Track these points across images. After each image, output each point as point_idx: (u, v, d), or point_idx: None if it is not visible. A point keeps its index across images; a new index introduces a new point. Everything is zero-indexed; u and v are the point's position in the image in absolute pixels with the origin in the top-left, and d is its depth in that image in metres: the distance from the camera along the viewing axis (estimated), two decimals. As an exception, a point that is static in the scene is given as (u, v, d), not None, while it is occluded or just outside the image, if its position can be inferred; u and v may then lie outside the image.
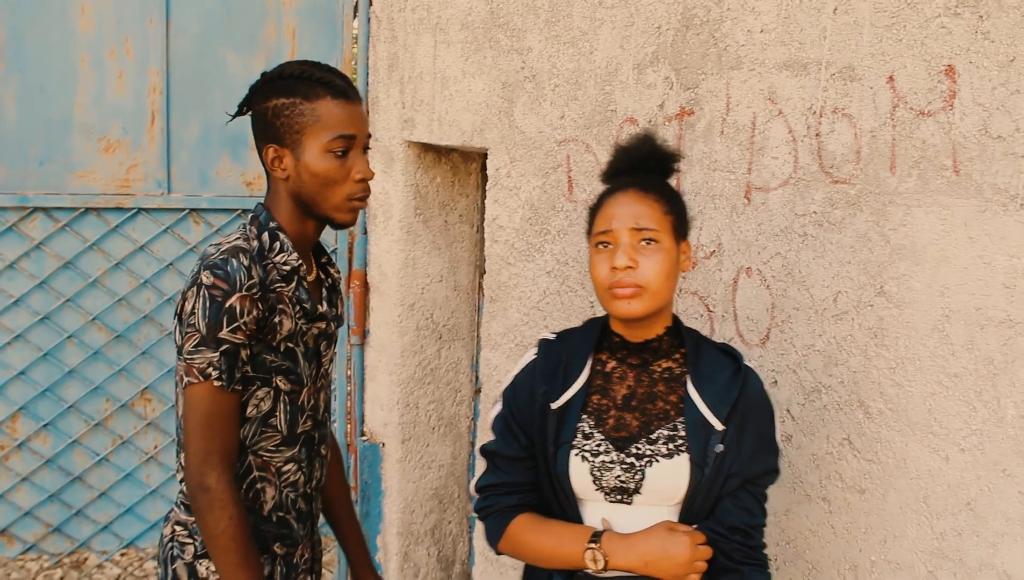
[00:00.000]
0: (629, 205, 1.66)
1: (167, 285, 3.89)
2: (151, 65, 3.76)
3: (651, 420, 1.69)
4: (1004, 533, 1.51)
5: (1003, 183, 1.49)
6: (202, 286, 1.78)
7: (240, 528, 1.79)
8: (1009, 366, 1.50)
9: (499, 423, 1.80)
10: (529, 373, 1.78)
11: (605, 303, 1.67)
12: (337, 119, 1.84)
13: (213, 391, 1.78)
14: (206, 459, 1.79)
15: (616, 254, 1.63)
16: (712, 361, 1.71)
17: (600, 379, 1.75)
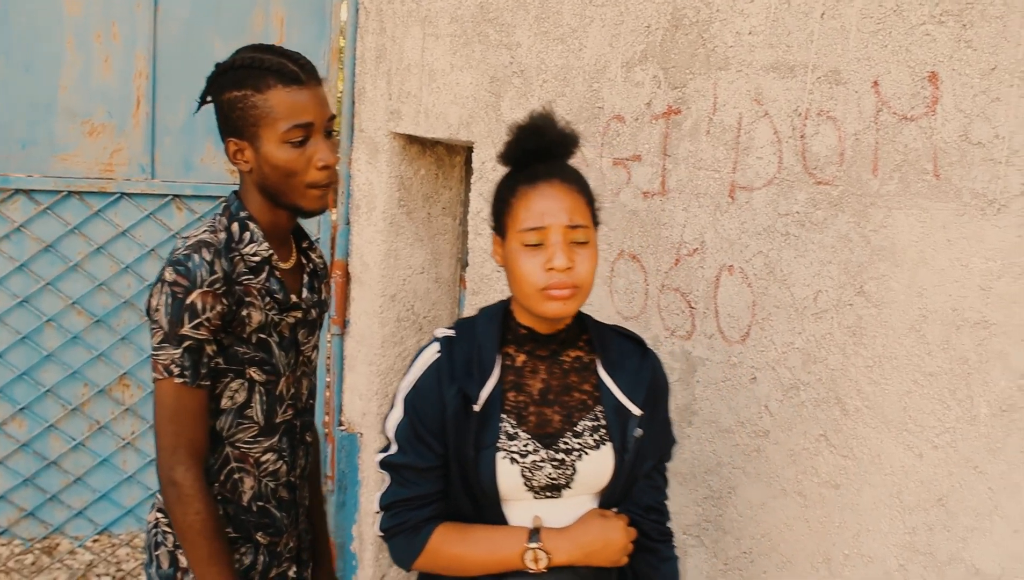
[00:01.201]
0: (558, 199, 1.59)
1: (148, 271, 3.88)
2: (138, 49, 3.76)
3: (572, 412, 1.67)
4: (974, 528, 1.55)
5: (981, 188, 1.53)
6: (165, 283, 1.78)
7: (207, 522, 1.79)
8: (983, 366, 1.54)
9: (404, 432, 1.64)
10: (433, 375, 1.64)
11: (534, 303, 1.59)
12: (290, 108, 1.80)
13: (177, 388, 1.79)
14: (174, 454, 1.80)
15: (554, 254, 1.56)
16: (618, 346, 1.73)
17: (512, 375, 1.68)
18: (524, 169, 1.64)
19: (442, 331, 1.71)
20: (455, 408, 1.61)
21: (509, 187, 1.64)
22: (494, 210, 1.67)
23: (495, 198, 1.68)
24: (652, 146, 2.22)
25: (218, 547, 1.80)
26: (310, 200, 1.86)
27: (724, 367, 2.04)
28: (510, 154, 1.66)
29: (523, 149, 1.64)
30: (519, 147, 1.64)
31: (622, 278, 2.33)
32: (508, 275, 1.63)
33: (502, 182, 1.67)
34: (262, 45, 1.86)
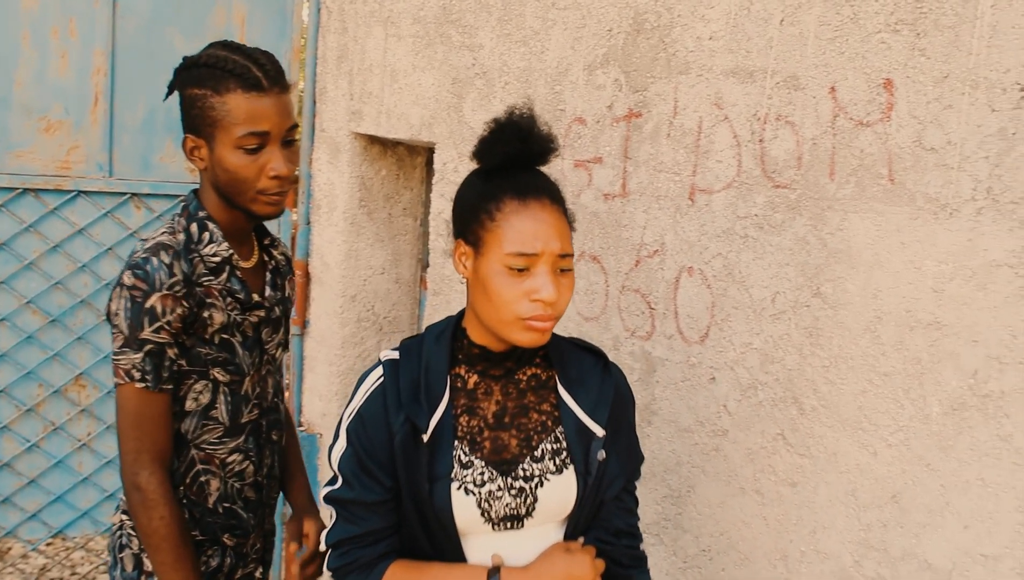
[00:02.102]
0: (550, 223, 1.47)
1: (105, 270, 3.84)
2: (96, 46, 3.72)
3: (530, 435, 1.56)
4: (926, 524, 1.59)
5: (934, 192, 1.57)
6: (124, 287, 1.77)
7: (172, 527, 1.78)
8: (935, 366, 1.57)
9: (349, 465, 1.53)
10: (377, 402, 1.53)
11: (508, 331, 1.48)
12: (247, 115, 1.77)
13: (139, 393, 1.78)
14: (137, 458, 1.79)
15: (542, 284, 1.44)
16: (578, 362, 1.62)
17: (464, 398, 1.56)
18: (498, 172, 1.51)
19: (386, 353, 1.59)
20: (403, 437, 1.50)
21: (489, 196, 1.49)
22: (465, 216, 1.52)
23: (466, 203, 1.53)
24: (613, 149, 2.24)
25: (183, 552, 1.79)
26: (260, 206, 1.84)
27: (683, 367, 2.06)
28: (486, 154, 1.52)
29: (502, 151, 1.50)
30: (497, 148, 1.50)
31: (583, 279, 2.35)
32: (478, 293, 1.50)
33: (476, 186, 1.52)
34: (233, 44, 1.83)
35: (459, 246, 1.54)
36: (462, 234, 1.54)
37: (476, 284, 1.50)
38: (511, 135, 1.49)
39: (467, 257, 1.53)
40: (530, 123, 1.51)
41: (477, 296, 1.51)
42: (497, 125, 1.51)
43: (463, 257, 1.54)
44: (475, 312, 1.54)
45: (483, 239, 1.48)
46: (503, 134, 1.50)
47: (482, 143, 1.52)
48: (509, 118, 1.51)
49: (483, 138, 1.51)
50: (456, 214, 1.56)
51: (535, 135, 1.51)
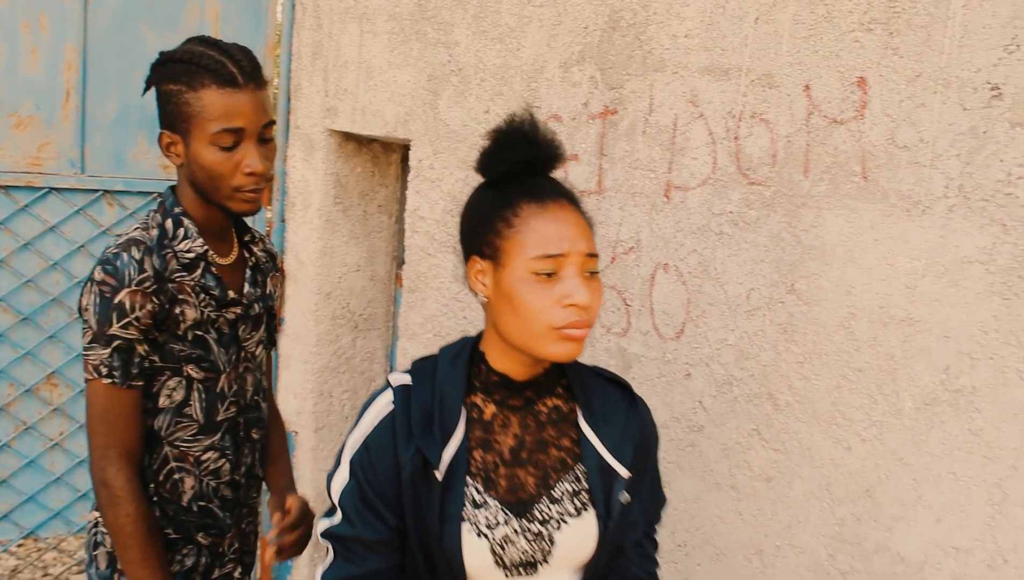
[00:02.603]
0: (573, 222, 1.38)
1: (78, 267, 3.81)
2: (67, 41, 3.68)
3: (548, 473, 1.45)
4: (899, 518, 1.61)
5: (907, 190, 1.59)
6: (94, 282, 1.76)
7: (139, 524, 1.77)
8: (908, 362, 1.59)
9: (352, 500, 1.41)
10: (386, 432, 1.41)
11: (542, 344, 1.36)
12: (221, 111, 1.76)
13: (107, 388, 1.77)
14: (105, 455, 1.78)
15: (573, 287, 1.33)
16: (602, 394, 1.51)
17: (479, 430, 1.44)
18: (507, 181, 1.41)
19: (397, 377, 1.46)
20: (412, 471, 1.38)
21: (503, 203, 1.39)
22: (478, 229, 1.41)
23: (478, 215, 1.42)
24: (589, 146, 2.25)
25: (150, 550, 1.78)
26: (236, 203, 1.83)
27: (659, 363, 2.07)
28: (493, 163, 1.42)
29: (511, 158, 1.40)
30: (505, 155, 1.41)
31: (559, 276, 2.36)
32: (502, 309, 1.39)
33: (487, 197, 1.43)
34: (210, 39, 1.82)
35: (473, 264, 1.43)
36: (475, 250, 1.42)
37: (500, 299, 1.38)
38: (517, 141, 1.40)
39: (485, 273, 1.41)
40: (535, 128, 1.42)
41: (501, 313, 1.39)
42: (501, 132, 1.41)
43: (480, 274, 1.42)
44: (499, 333, 1.41)
45: (502, 249, 1.37)
46: (509, 140, 1.41)
47: (487, 153, 1.42)
48: (513, 124, 1.42)
49: (487, 149, 1.42)
50: (466, 230, 1.45)
51: (542, 139, 1.42)
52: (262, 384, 2.07)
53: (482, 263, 1.41)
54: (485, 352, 1.46)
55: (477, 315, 2.65)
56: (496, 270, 1.39)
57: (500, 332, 1.41)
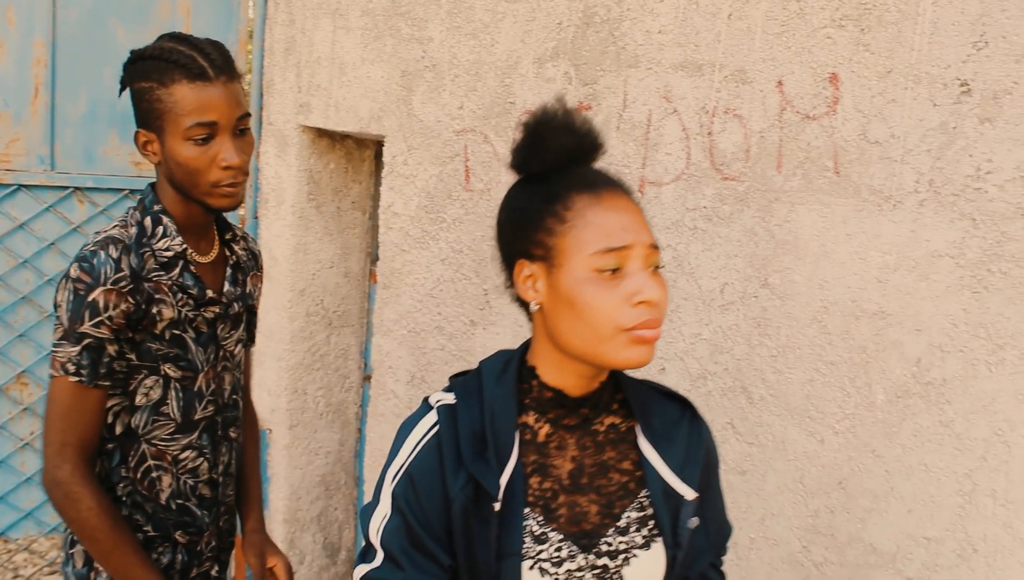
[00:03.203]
0: (633, 212, 1.24)
1: (48, 265, 3.77)
2: (36, 36, 3.64)
3: (612, 501, 1.30)
4: (872, 509, 1.63)
5: (879, 185, 1.61)
6: (69, 279, 1.75)
7: (102, 515, 1.76)
8: (880, 355, 1.61)
9: (397, 539, 1.26)
10: (431, 458, 1.26)
11: (611, 351, 1.21)
12: (194, 105, 1.75)
13: (72, 386, 1.75)
14: (60, 451, 1.76)
15: (643, 282, 1.20)
16: (660, 411, 1.37)
17: (534, 453, 1.29)
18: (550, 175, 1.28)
19: (438, 396, 1.32)
20: (464, 503, 1.23)
21: (552, 197, 1.26)
22: (525, 229, 1.27)
23: (523, 214, 1.28)
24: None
25: (120, 536, 1.77)
26: (216, 198, 1.82)
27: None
28: (534, 155, 1.28)
29: (556, 147, 1.27)
30: (549, 145, 1.27)
31: (534, 272, 2.36)
32: (561, 315, 1.24)
33: (531, 192, 1.29)
34: (180, 35, 1.81)
35: (521, 268, 1.28)
36: (522, 252, 1.28)
37: (558, 304, 1.24)
38: (557, 130, 1.27)
39: (537, 277, 1.26)
40: (572, 116, 1.30)
41: (560, 320, 1.24)
42: (538, 123, 1.28)
43: (530, 280, 1.27)
44: (556, 342, 1.27)
45: (556, 247, 1.23)
46: (550, 130, 1.27)
47: (526, 147, 1.29)
48: (549, 113, 1.29)
49: (524, 142, 1.29)
50: (509, 232, 1.31)
51: (582, 127, 1.30)
52: (240, 383, 2.06)
53: (532, 266, 1.26)
54: (536, 366, 1.31)
55: (452, 311, 2.65)
56: (550, 272, 1.24)
57: (558, 341, 1.26)
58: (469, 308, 2.58)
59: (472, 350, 2.57)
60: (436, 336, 2.71)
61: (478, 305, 2.56)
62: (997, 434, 1.47)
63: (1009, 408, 1.46)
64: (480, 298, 2.56)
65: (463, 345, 2.61)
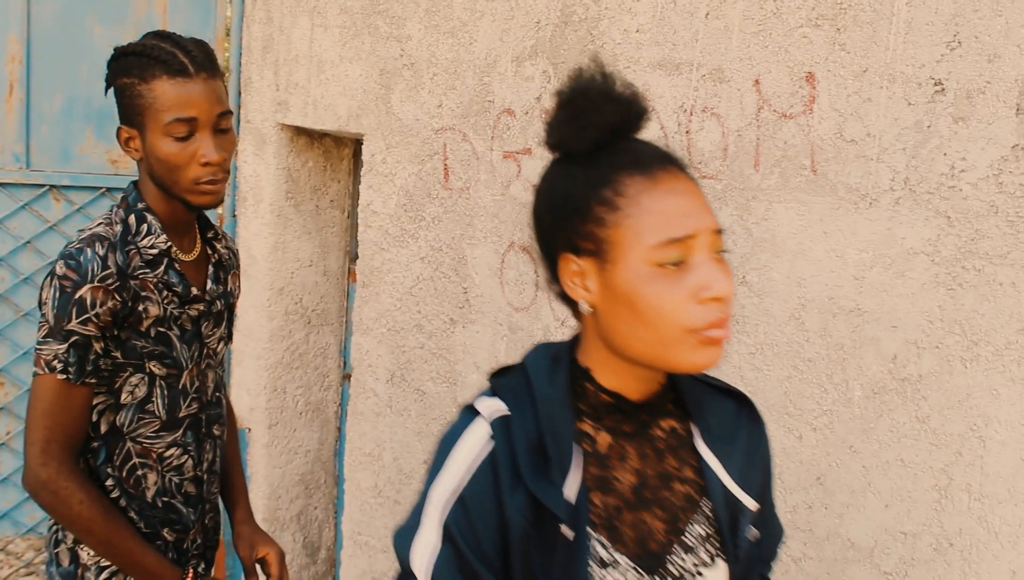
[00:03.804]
0: (693, 193, 1.10)
1: (24, 264, 3.75)
2: (10, 32, 3.61)
3: (676, 515, 1.17)
4: (849, 505, 1.64)
5: (855, 183, 1.62)
6: (55, 276, 1.74)
7: (95, 506, 1.76)
8: (857, 351, 1.63)
9: (449, 572, 1.10)
10: (486, 480, 1.10)
11: (679, 353, 1.07)
12: (174, 101, 1.76)
13: (58, 383, 1.75)
14: (45, 449, 1.75)
15: (711, 275, 1.06)
16: (717, 409, 1.23)
17: (595, 466, 1.15)
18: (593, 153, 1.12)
19: (487, 404, 1.15)
20: (524, 527, 1.09)
21: (599, 181, 1.10)
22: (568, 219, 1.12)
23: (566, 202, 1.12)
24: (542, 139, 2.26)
25: (114, 524, 1.78)
26: (196, 196, 1.82)
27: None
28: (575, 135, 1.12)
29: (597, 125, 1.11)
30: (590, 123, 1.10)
31: (512, 270, 2.37)
32: (618, 316, 1.09)
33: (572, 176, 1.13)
34: (164, 33, 1.82)
35: (567, 263, 1.13)
36: (568, 245, 1.12)
37: (613, 304, 1.09)
38: (598, 100, 1.11)
39: (587, 274, 1.11)
40: (614, 81, 1.12)
41: (617, 322, 1.10)
42: (576, 92, 1.12)
43: (578, 277, 1.12)
44: (613, 344, 1.12)
45: (608, 239, 1.09)
46: (588, 100, 1.10)
47: (562, 121, 1.13)
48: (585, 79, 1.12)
49: (559, 116, 1.13)
50: (550, 222, 1.15)
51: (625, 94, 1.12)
52: (223, 381, 2.06)
53: (580, 262, 1.11)
54: (590, 368, 1.16)
55: (432, 309, 2.65)
56: (603, 268, 1.09)
57: (614, 344, 1.12)
58: (448, 306, 2.59)
59: (452, 348, 2.58)
60: (416, 334, 2.72)
61: (457, 303, 2.56)
62: (972, 429, 1.49)
63: (984, 403, 1.48)
64: (459, 296, 2.56)
65: (442, 343, 2.61)
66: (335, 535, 3.89)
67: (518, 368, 1.19)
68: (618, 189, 1.08)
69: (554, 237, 1.14)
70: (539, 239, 1.18)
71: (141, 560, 1.81)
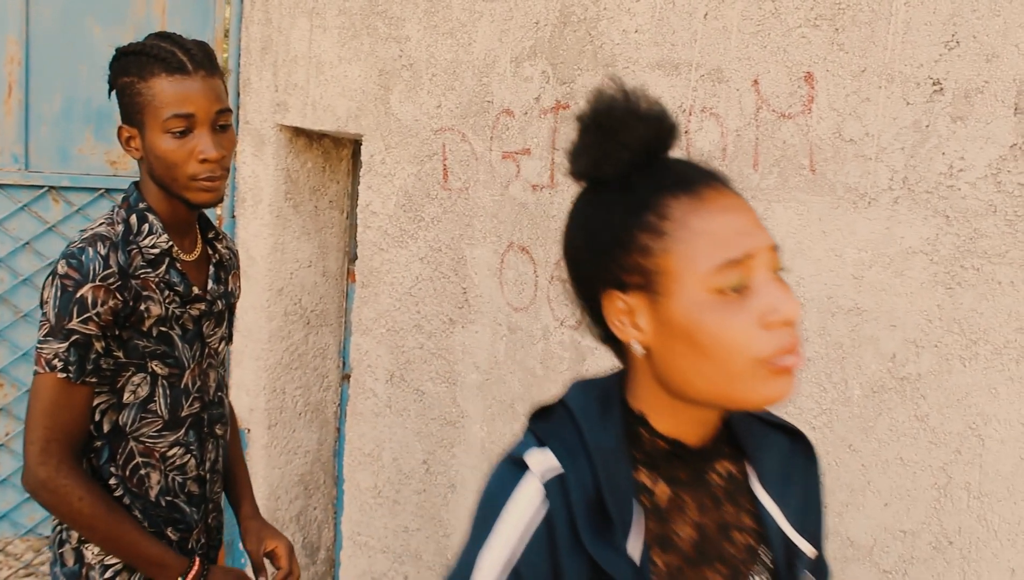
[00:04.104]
0: (745, 210, 1.01)
1: (23, 265, 3.75)
2: (8, 33, 3.61)
3: (738, 568, 1.08)
4: (848, 503, 1.65)
5: (853, 182, 1.63)
6: (57, 276, 1.75)
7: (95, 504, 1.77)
8: (856, 350, 1.63)
9: None
10: (542, 547, 1.00)
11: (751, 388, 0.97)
12: (171, 97, 1.77)
13: (58, 382, 1.75)
14: (45, 448, 1.75)
15: (775, 295, 0.97)
16: (772, 447, 1.13)
17: (654, 521, 1.04)
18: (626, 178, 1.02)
19: (538, 457, 1.03)
20: None
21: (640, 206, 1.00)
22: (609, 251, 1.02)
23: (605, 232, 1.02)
24: (541, 140, 2.26)
25: (117, 518, 1.79)
26: (194, 193, 1.83)
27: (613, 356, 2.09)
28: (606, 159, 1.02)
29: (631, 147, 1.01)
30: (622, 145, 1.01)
31: (512, 270, 2.37)
32: (677, 353, 0.99)
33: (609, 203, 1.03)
34: (166, 33, 1.85)
35: (613, 302, 1.03)
36: (612, 282, 1.02)
37: (670, 341, 0.99)
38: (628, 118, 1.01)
39: (636, 311, 1.01)
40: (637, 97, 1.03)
41: (677, 359, 1.00)
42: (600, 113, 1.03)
43: (626, 315, 1.02)
44: (671, 386, 1.02)
45: (658, 269, 0.99)
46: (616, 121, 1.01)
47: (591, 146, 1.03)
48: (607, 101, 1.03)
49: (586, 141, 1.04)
50: (588, 258, 1.05)
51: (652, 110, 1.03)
52: (224, 381, 2.07)
53: (627, 298, 1.01)
54: (644, 412, 1.05)
55: (431, 310, 2.65)
56: (655, 303, 1.00)
57: (673, 385, 1.02)
58: (448, 306, 2.59)
59: (451, 348, 2.58)
60: (415, 334, 2.72)
61: (457, 303, 2.56)
62: (971, 428, 1.50)
63: (983, 402, 1.48)
64: (459, 296, 2.57)
65: (442, 343, 2.62)
66: (334, 535, 3.89)
67: (561, 411, 1.08)
68: (663, 213, 0.99)
69: (595, 274, 1.04)
70: (575, 278, 1.08)
71: (147, 552, 1.82)
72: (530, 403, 2.30)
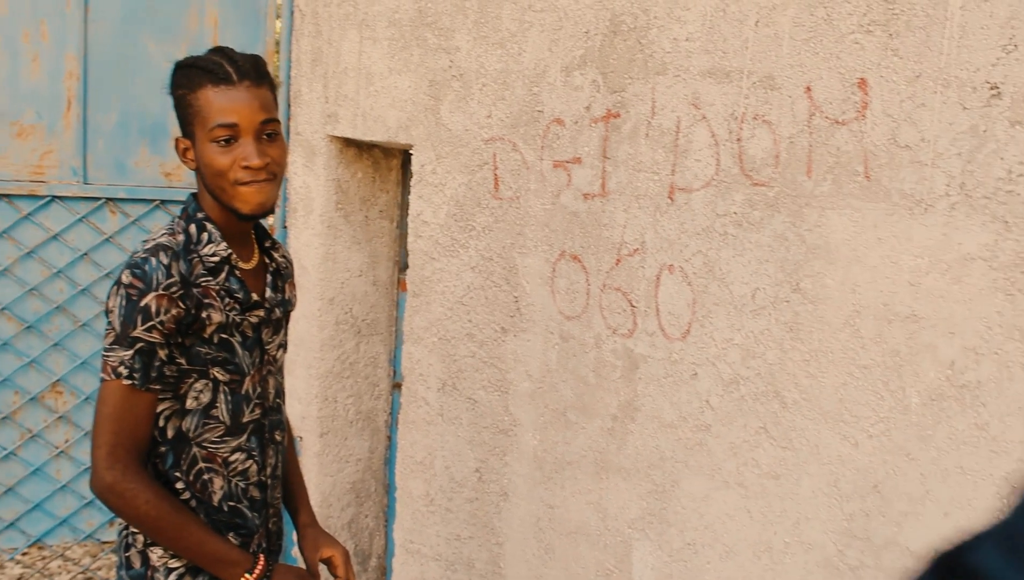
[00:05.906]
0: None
1: (81, 275, 3.82)
2: (68, 50, 3.70)
3: None
4: (907, 513, 1.63)
5: (909, 189, 1.61)
6: (121, 285, 1.80)
7: (160, 506, 1.80)
8: (913, 358, 1.61)
9: None
10: None
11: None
12: (216, 108, 1.81)
13: (123, 389, 1.79)
14: (112, 452, 1.80)
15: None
16: None
17: None
18: None
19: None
20: None
21: None
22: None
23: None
24: (592, 149, 2.27)
25: (183, 519, 1.82)
26: (241, 201, 1.85)
27: (665, 364, 2.09)
28: None
29: None
30: None
31: (564, 278, 2.38)
32: None
33: None
34: (220, 48, 1.89)
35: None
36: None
37: None
38: None
39: None
40: None
41: None
42: None
43: None
44: None
45: None
46: None
47: None
48: None
49: None
50: None
51: None
52: (283, 387, 2.10)
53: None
54: None
55: (482, 318, 2.67)
56: None
57: None
58: (499, 315, 2.60)
59: (503, 357, 2.59)
60: (467, 343, 2.73)
61: (508, 312, 2.57)
62: (1033, 437, 1.47)
63: (1044, 411, 1.46)
64: (510, 305, 2.58)
65: (493, 352, 2.63)
66: (386, 543, 3.91)
67: None
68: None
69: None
70: None
71: (213, 549, 1.85)
72: (582, 412, 2.31)
